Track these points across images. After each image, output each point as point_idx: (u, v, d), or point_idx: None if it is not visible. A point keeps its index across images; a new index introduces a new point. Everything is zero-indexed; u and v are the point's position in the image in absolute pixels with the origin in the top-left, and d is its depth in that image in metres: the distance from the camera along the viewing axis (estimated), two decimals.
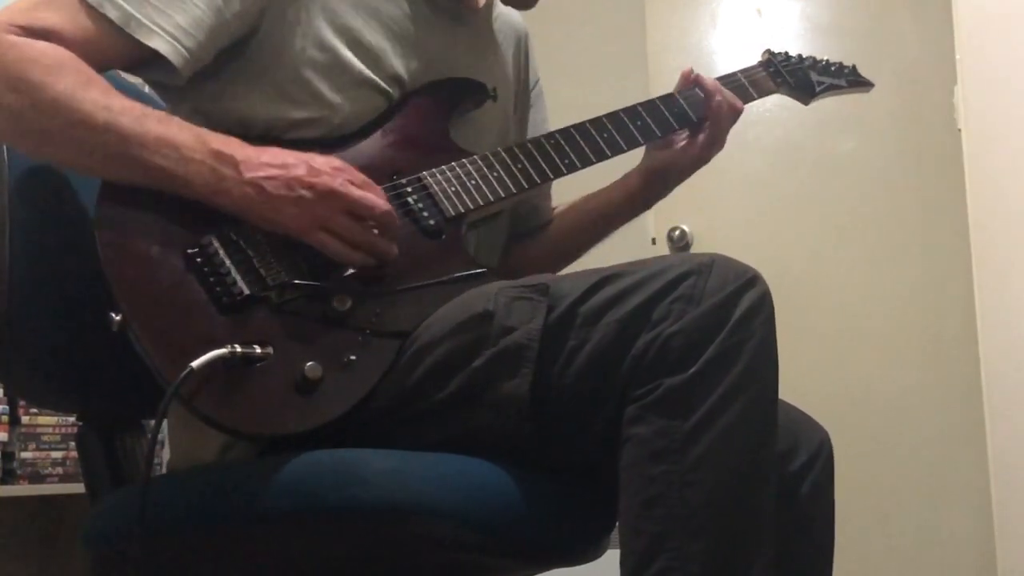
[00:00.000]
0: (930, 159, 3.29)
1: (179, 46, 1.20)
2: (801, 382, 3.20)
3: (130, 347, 1.10)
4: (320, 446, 1.09)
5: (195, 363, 1.04)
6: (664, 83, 1.54)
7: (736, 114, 1.48)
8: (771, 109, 3.36)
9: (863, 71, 1.68)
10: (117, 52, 1.20)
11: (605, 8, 3.45)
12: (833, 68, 1.64)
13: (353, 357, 1.12)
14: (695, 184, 1.53)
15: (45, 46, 1.15)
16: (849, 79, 1.65)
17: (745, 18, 3.52)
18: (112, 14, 1.18)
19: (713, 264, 1.09)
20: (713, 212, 3.42)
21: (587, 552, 1.22)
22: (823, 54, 1.67)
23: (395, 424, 1.14)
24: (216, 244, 1.14)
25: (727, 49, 3.50)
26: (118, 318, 1.09)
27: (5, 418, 2.47)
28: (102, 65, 1.20)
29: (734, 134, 1.50)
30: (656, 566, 1.02)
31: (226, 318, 1.11)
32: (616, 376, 1.07)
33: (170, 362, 1.06)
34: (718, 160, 1.51)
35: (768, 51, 1.59)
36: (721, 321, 1.05)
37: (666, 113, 1.44)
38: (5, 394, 2.45)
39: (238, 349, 1.07)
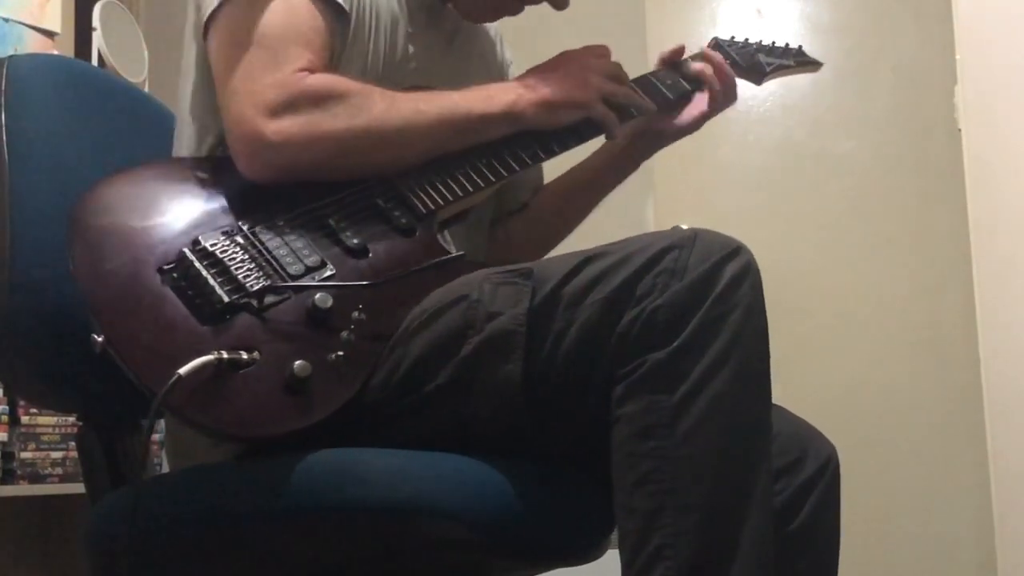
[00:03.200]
0: (930, 159, 3.29)
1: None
2: (801, 381, 3.21)
3: None
4: (312, 446, 1.09)
5: (182, 369, 1.04)
6: None
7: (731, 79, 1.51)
8: (771, 109, 3.36)
9: (863, 71, 1.69)
10: (336, 38, 1.28)
11: (605, 8, 3.45)
12: (780, 49, 1.66)
13: (340, 354, 1.12)
14: (695, 183, 1.53)
15: (331, 76, 1.24)
16: (797, 59, 1.66)
17: (745, 18, 3.52)
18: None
19: (696, 237, 1.09)
20: (713, 211, 3.41)
21: (587, 552, 1.22)
22: (823, 54, 1.67)
23: (387, 419, 1.14)
24: (191, 256, 1.14)
25: None
26: (100, 339, 1.09)
27: (5, 418, 2.47)
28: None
29: (734, 133, 1.50)
30: (652, 544, 1.02)
31: (209, 328, 1.10)
32: (604, 355, 1.07)
33: (156, 375, 1.05)
34: (718, 159, 1.52)
35: (715, 38, 1.62)
36: (705, 292, 1.05)
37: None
38: (5, 394, 2.44)
39: (224, 355, 1.07)
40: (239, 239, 1.16)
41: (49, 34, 2.92)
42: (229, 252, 1.15)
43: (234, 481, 1.13)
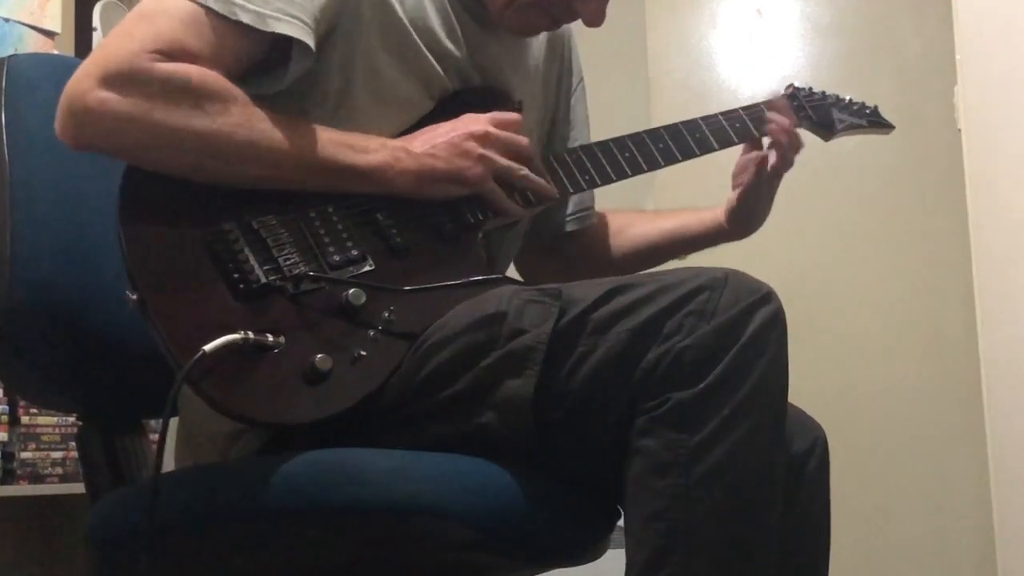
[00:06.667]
0: (930, 159, 3.28)
1: (307, 27, 1.20)
2: (801, 381, 3.19)
3: (130, 346, 1.10)
4: (326, 440, 1.10)
5: (208, 347, 1.05)
6: (664, 83, 1.55)
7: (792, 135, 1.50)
8: None
9: (863, 71, 1.69)
10: (248, 56, 1.21)
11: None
12: (855, 107, 1.66)
13: (364, 352, 1.13)
14: (695, 183, 1.53)
15: (196, 69, 1.16)
16: (870, 119, 1.67)
17: (745, 18, 3.52)
18: (245, 18, 1.18)
19: (727, 279, 1.09)
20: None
21: (587, 552, 1.22)
22: (823, 54, 1.68)
23: (401, 421, 1.15)
24: (236, 231, 1.15)
25: (727, 49, 3.50)
26: (134, 297, 1.10)
27: (5, 418, 2.47)
28: (235, 73, 1.20)
29: None
30: None
31: (241, 305, 1.12)
32: (624, 386, 1.07)
33: (183, 345, 1.06)
34: (719, 159, 1.52)
35: (792, 85, 1.60)
36: (733, 337, 1.06)
37: (688, 139, 1.45)
38: (5, 394, 2.45)
39: (251, 336, 1.08)
40: (287, 221, 1.17)
41: (49, 34, 2.92)
42: (274, 233, 1.16)
43: (235, 480, 1.13)
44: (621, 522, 1.15)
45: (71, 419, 2.45)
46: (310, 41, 1.20)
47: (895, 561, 3.21)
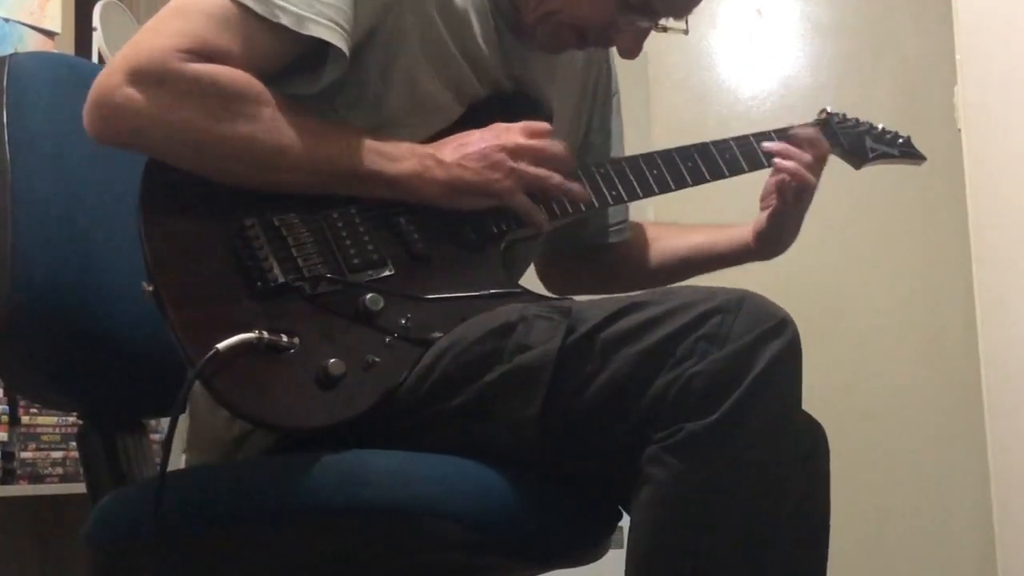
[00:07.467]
0: (930, 159, 3.28)
1: (344, 32, 1.19)
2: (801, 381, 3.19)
3: (131, 345, 1.10)
4: (331, 444, 1.09)
5: (221, 345, 1.04)
6: (664, 83, 1.55)
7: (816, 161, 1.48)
8: (772, 109, 3.36)
9: (863, 71, 1.69)
10: (281, 57, 1.19)
11: None
12: (888, 136, 1.65)
13: (377, 359, 1.11)
14: (696, 191, 1.53)
15: (226, 71, 1.14)
16: (902, 149, 1.66)
17: (745, 18, 3.52)
18: (285, 20, 1.16)
19: (743, 302, 1.06)
20: (713, 212, 3.40)
21: (588, 553, 1.22)
22: (823, 54, 1.67)
23: (405, 428, 1.14)
24: (257, 228, 1.14)
25: (727, 49, 3.50)
26: (150, 288, 1.09)
27: (5, 418, 2.47)
28: (266, 74, 1.18)
29: (735, 133, 1.50)
30: None
31: (257, 303, 1.10)
32: (633, 408, 1.05)
33: (196, 340, 1.06)
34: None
35: (825, 110, 1.57)
36: (746, 367, 1.03)
37: (718, 159, 1.44)
38: (5, 394, 2.44)
39: (265, 335, 1.07)
40: (308, 221, 1.16)
41: (49, 34, 2.92)
42: (295, 232, 1.15)
43: (237, 481, 1.13)
44: (622, 522, 1.15)
45: (71, 419, 2.45)
46: (345, 48, 1.19)
47: (895, 561, 3.21)
